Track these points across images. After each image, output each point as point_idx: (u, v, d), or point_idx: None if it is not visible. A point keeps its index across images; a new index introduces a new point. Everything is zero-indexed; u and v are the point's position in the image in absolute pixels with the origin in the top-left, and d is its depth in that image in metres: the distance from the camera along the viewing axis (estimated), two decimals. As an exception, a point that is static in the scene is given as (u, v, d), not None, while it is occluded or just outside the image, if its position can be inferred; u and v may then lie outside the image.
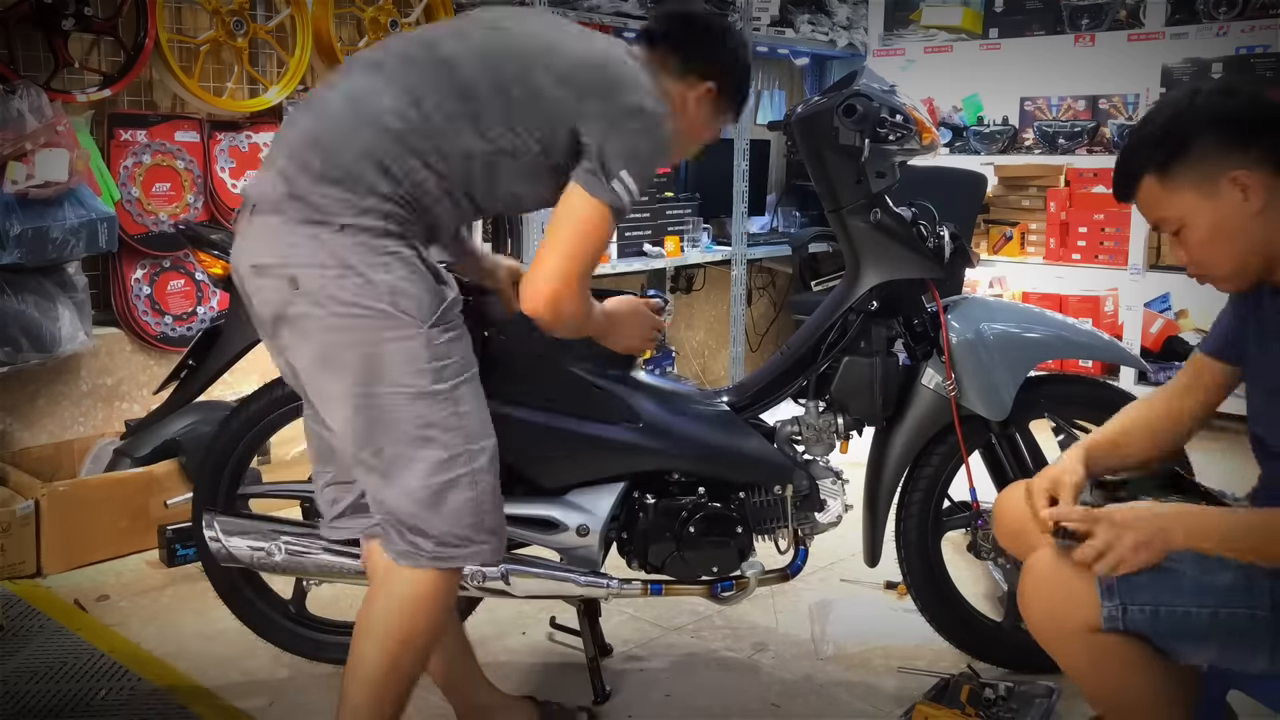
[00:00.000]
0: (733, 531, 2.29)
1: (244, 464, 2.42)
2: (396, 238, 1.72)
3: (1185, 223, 1.61)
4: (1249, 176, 1.54)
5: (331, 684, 2.42)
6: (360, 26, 3.90)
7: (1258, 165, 1.55)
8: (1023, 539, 1.87)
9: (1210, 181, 1.57)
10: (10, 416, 3.29)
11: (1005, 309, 2.48)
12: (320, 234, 1.69)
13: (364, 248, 1.69)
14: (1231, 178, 1.55)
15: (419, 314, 1.72)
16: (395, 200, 1.72)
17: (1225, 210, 1.57)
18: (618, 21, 4.33)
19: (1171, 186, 1.59)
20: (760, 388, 2.37)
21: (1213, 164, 1.56)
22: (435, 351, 1.74)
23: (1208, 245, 1.61)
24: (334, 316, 1.69)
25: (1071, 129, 4.97)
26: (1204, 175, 1.57)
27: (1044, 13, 5.01)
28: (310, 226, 1.69)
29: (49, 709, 2.29)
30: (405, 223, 1.73)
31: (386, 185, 1.71)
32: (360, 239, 1.69)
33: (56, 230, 3.06)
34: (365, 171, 1.70)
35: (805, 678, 2.49)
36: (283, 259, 1.70)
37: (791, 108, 2.39)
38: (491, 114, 1.76)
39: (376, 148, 1.71)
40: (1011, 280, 5.24)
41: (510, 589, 2.26)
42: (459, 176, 1.77)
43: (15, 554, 2.95)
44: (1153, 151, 1.60)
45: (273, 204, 1.72)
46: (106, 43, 3.37)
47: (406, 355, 1.72)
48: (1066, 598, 1.57)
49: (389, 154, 1.71)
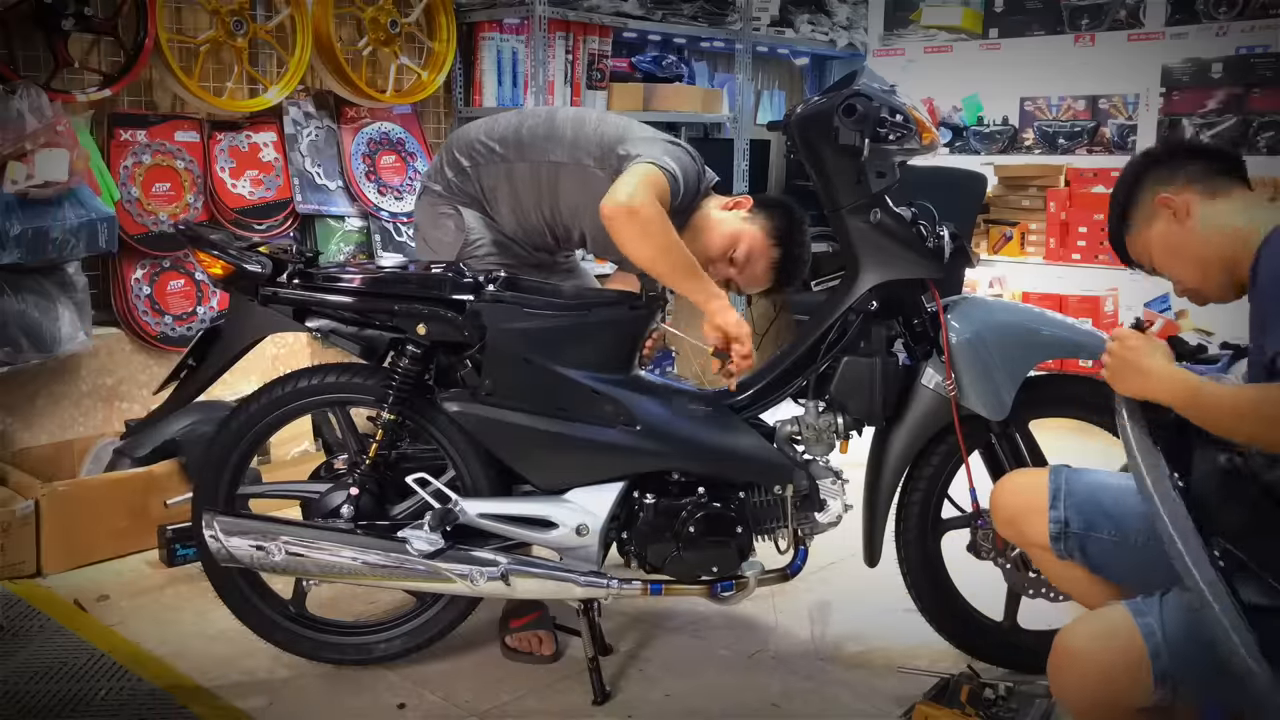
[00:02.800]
0: (733, 531, 2.29)
1: (244, 464, 2.42)
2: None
3: (1149, 254, 1.81)
4: (1173, 198, 1.74)
5: (332, 684, 2.43)
6: (360, 26, 3.91)
7: (1183, 187, 1.74)
8: (1020, 526, 1.95)
9: (1149, 215, 1.78)
10: (10, 416, 3.29)
11: (1005, 309, 2.48)
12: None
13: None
14: (1159, 201, 1.76)
15: None
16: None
17: (1163, 230, 1.77)
18: (618, 22, 4.33)
19: (1134, 233, 1.82)
20: (760, 388, 2.37)
21: (1144, 198, 1.79)
22: None
23: (1166, 264, 1.79)
24: None
25: (1071, 129, 4.97)
26: (1145, 210, 1.79)
27: (1044, 13, 5.01)
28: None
29: (49, 709, 2.29)
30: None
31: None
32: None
33: (56, 230, 3.05)
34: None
35: (805, 678, 2.49)
36: None
37: (791, 108, 2.39)
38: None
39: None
40: (1011, 280, 5.24)
41: (510, 589, 2.26)
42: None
43: (15, 554, 2.95)
44: (1116, 214, 1.85)
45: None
46: (106, 43, 3.37)
47: None
48: (1111, 679, 1.57)
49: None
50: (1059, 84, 5.10)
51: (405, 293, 2.29)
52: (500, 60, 4.22)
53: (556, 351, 2.28)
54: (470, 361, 2.30)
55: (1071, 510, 1.88)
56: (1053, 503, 1.89)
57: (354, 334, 2.36)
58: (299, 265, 2.33)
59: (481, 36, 4.19)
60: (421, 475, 2.29)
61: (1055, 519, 1.88)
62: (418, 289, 2.29)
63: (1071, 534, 1.88)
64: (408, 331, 2.28)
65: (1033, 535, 1.93)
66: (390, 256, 3.96)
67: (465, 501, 2.29)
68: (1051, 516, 1.89)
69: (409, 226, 4.05)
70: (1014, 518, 1.98)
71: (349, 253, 3.95)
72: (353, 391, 2.38)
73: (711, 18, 4.69)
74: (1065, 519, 1.88)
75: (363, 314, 2.32)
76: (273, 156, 3.76)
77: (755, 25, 4.94)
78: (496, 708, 2.34)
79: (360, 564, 2.27)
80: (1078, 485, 1.92)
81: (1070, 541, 1.88)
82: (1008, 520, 2.00)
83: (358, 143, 3.98)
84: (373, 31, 3.89)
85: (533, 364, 2.27)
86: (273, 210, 3.75)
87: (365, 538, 2.29)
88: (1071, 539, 1.88)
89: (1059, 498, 1.90)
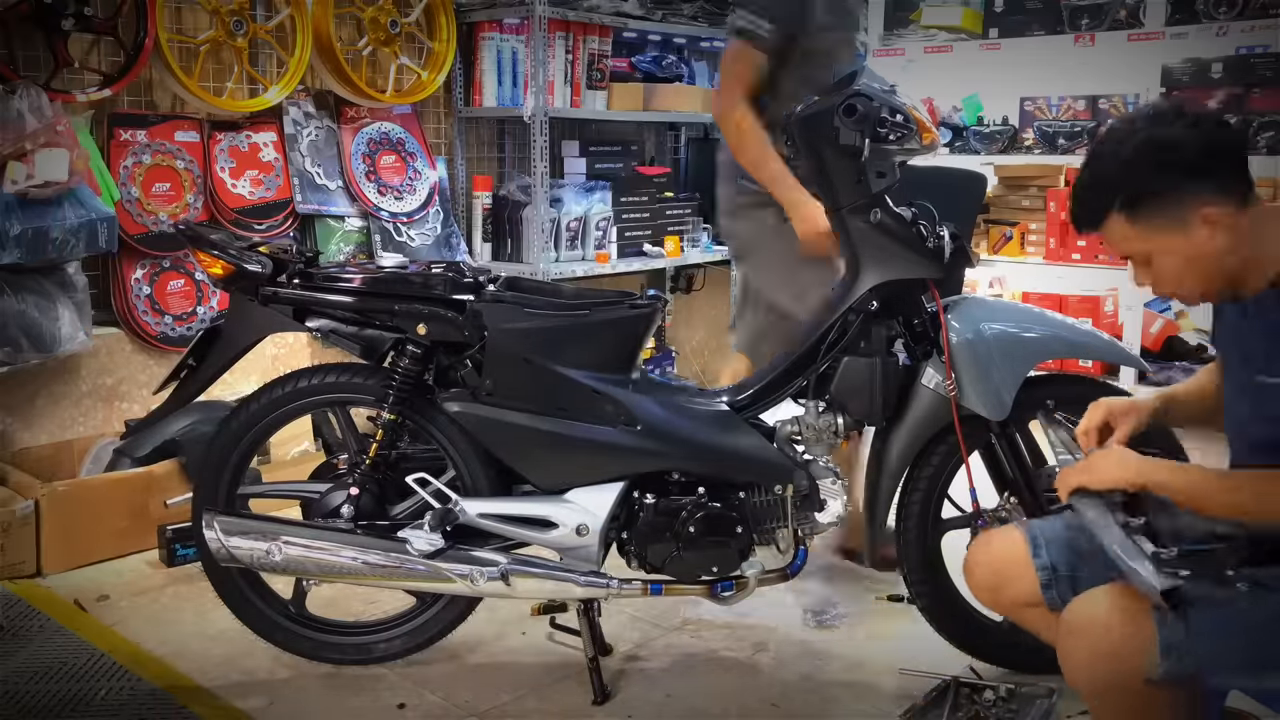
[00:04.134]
0: (733, 531, 2.29)
1: (244, 464, 2.42)
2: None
3: (1155, 257, 1.64)
4: (1218, 213, 1.58)
5: (332, 684, 2.43)
6: (360, 26, 3.90)
7: (1221, 196, 1.58)
8: (1005, 587, 1.88)
9: (1179, 219, 1.59)
10: (10, 416, 3.29)
11: (1005, 309, 2.48)
12: None
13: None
14: (1203, 215, 1.58)
15: None
16: None
17: (1198, 245, 1.60)
18: (618, 22, 4.33)
19: (1141, 225, 1.62)
20: (760, 388, 2.37)
21: (1181, 201, 1.59)
22: None
23: (1180, 276, 1.65)
24: None
25: (1071, 129, 4.97)
26: (1173, 213, 1.60)
27: (1044, 13, 5.00)
28: None
29: (49, 709, 2.29)
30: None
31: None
32: None
33: (56, 230, 3.05)
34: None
35: (805, 678, 2.49)
36: None
37: (791, 108, 2.39)
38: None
39: None
40: (1011, 280, 5.23)
41: (510, 589, 2.26)
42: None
43: (15, 554, 2.95)
44: (1117, 190, 1.62)
45: None
46: (106, 43, 3.37)
47: None
48: (1116, 650, 1.54)
49: None
50: (1059, 84, 5.10)
51: (405, 292, 2.29)
52: (500, 60, 4.22)
53: (557, 351, 2.28)
54: (470, 361, 2.30)
55: (1055, 553, 1.83)
56: (1035, 551, 1.83)
57: (354, 334, 2.36)
58: (299, 265, 2.33)
59: (481, 36, 4.19)
60: (421, 475, 2.29)
61: (1042, 566, 1.82)
62: (418, 289, 2.29)
63: (1061, 577, 1.81)
64: (408, 331, 2.28)
65: (1020, 593, 1.85)
66: (390, 256, 3.96)
67: (465, 501, 2.29)
68: (1038, 565, 1.82)
69: (409, 226, 4.05)
70: (997, 579, 1.89)
71: (349, 253, 3.95)
72: (353, 391, 2.38)
73: (711, 18, 4.69)
74: (1051, 564, 1.82)
75: (363, 314, 2.32)
76: (273, 156, 3.76)
77: (755, 25, 4.93)
78: (496, 708, 2.34)
79: (360, 564, 2.27)
80: (1051, 529, 1.87)
81: (1061, 586, 1.80)
82: (990, 586, 1.91)
83: (358, 143, 3.97)
84: (373, 31, 3.89)
85: (533, 364, 2.27)
86: (273, 210, 3.75)
87: (365, 538, 2.29)
88: (1063, 583, 1.80)
89: (1039, 545, 1.84)
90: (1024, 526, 1.91)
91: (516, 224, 4.21)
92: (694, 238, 4.69)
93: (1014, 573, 1.85)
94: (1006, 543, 1.89)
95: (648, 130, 5.11)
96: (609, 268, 4.30)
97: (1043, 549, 1.83)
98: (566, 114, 4.31)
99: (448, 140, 4.35)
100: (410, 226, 4.06)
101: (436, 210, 4.15)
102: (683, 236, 4.62)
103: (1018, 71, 5.20)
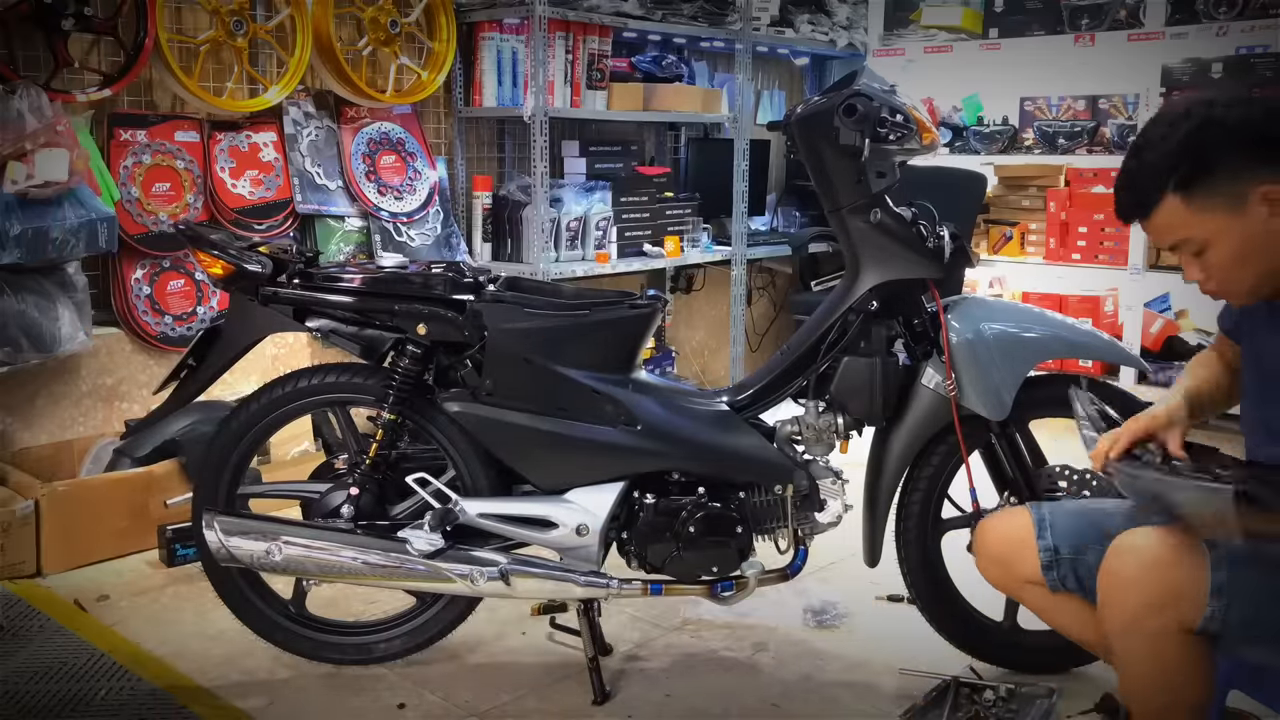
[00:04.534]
0: (733, 531, 2.29)
1: (244, 464, 2.42)
2: None
3: (1210, 243, 1.55)
4: (1278, 191, 1.50)
5: (331, 684, 2.43)
6: (360, 26, 3.90)
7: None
8: (1008, 564, 1.92)
9: (1238, 198, 1.51)
10: (10, 416, 3.29)
11: (1005, 309, 2.48)
12: None
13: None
14: (1262, 193, 1.50)
15: None
16: None
17: (1253, 227, 1.52)
18: (618, 22, 4.33)
19: (1197, 206, 1.54)
20: (760, 388, 2.37)
21: (1241, 179, 1.51)
22: None
23: (1233, 264, 1.56)
24: None
25: (1071, 129, 4.97)
26: (1232, 192, 1.52)
27: (1044, 13, 5.01)
28: None
29: (49, 709, 2.29)
30: None
31: None
32: None
33: (56, 230, 3.05)
34: None
35: (805, 678, 2.49)
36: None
37: (791, 108, 2.39)
38: None
39: None
40: (1011, 280, 5.24)
41: (510, 589, 2.26)
42: None
43: (15, 554, 2.95)
44: (1173, 170, 1.54)
45: None
46: (106, 43, 3.37)
47: None
48: (1166, 580, 1.53)
49: None
50: (1059, 84, 5.10)
51: (405, 292, 2.29)
52: (500, 60, 4.22)
53: (557, 351, 2.28)
54: (470, 361, 2.30)
55: (1059, 536, 1.86)
56: (1040, 533, 1.87)
57: (354, 334, 2.36)
58: (299, 265, 2.33)
59: (481, 36, 4.19)
60: (421, 475, 2.29)
61: (1045, 547, 1.85)
62: (418, 289, 2.29)
63: (1063, 560, 1.85)
64: (408, 331, 2.28)
65: (1023, 571, 1.90)
66: (390, 256, 3.96)
67: (465, 501, 2.29)
68: (1041, 546, 1.86)
69: (409, 226, 4.05)
70: (1001, 556, 1.94)
71: (349, 253, 3.95)
72: (353, 391, 2.38)
73: (711, 18, 4.69)
74: (1054, 546, 1.85)
75: (363, 314, 2.32)
76: (273, 156, 3.76)
77: (755, 25, 4.94)
78: (496, 708, 2.34)
79: (360, 564, 2.27)
80: (1059, 513, 1.91)
81: (1063, 568, 1.84)
82: (995, 560, 1.96)
83: (358, 143, 3.98)
84: (373, 31, 3.89)
85: (533, 364, 2.27)
86: (273, 210, 3.75)
87: (365, 538, 2.29)
88: (1064, 565, 1.84)
89: (1044, 526, 1.87)
90: (1033, 508, 1.94)
91: (516, 224, 4.21)
92: (694, 238, 4.69)
93: (1019, 553, 1.89)
94: (1014, 523, 1.93)
95: (648, 130, 5.11)
96: (609, 268, 4.30)
97: (1048, 531, 1.87)
98: (566, 114, 4.31)
99: (448, 140, 4.35)
100: (410, 226, 4.06)
101: (436, 210, 4.15)
102: (683, 236, 4.62)
103: (1018, 71, 5.21)
